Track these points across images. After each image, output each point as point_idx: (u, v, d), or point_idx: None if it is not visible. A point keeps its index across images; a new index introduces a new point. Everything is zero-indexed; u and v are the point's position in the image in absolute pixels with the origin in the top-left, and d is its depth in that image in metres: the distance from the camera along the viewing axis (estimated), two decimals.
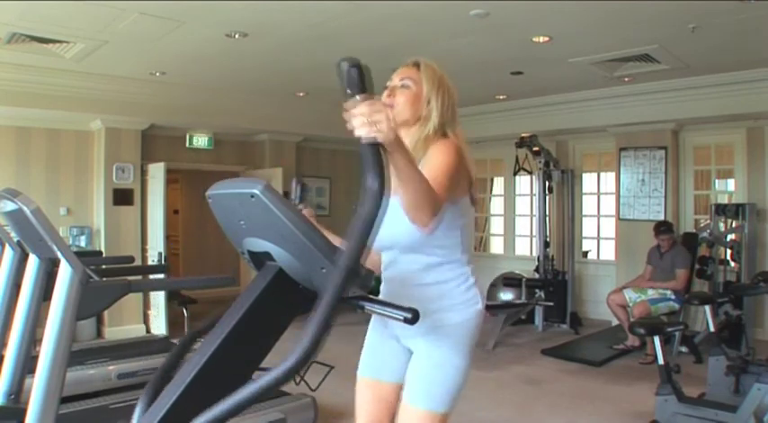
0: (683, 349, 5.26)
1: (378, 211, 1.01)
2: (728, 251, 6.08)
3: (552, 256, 6.99)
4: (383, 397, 1.85)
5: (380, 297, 1.83)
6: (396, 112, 1.72)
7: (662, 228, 5.66)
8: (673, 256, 5.54)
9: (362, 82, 1.06)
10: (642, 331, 3.46)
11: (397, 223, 1.64)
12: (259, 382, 0.96)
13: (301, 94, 6.96)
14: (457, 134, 1.77)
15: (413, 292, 1.72)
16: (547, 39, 4.71)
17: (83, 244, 6.22)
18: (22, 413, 1.76)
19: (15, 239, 2.27)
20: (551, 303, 6.58)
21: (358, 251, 1.00)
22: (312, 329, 0.96)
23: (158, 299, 6.38)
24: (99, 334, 6.25)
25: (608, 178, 7.55)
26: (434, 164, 1.62)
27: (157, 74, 5.87)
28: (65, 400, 1.91)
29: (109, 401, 3.42)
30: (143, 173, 6.63)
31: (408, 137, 1.73)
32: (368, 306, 1.17)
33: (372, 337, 1.92)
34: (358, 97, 1.09)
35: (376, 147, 1.07)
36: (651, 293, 5.47)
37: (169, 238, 7.33)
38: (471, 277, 1.76)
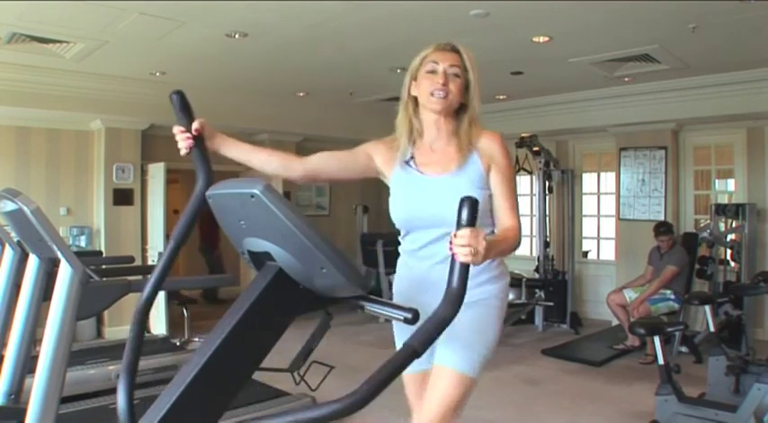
0: (683, 349, 5.26)
1: (454, 317, 1.13)
2: (728, 251, 6.08)
3: (552, 256, 6.99)
4: (426, 382, 1.88)
5: (411, 275, 1.92)
6: (450, 100, 1.83)
7: (661, 228, 5.66)
8: (669, 256, 5.54)
9: (472, 215, 1.23)
10: (642, 331, 3.46)
11: (448, 202, 1.69)
12: (310, 412, 0.98)
13: (301, 94, 6.96)
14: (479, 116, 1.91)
15: None
16: (547, 39, 4.71)
17: (83, 244, 6.22)
18: (22, 413, 1.76)
19: (15, 239, 2.27)
20: (551, 303, 6.58)
21: (428, 342, 1.11)
22: (376, 378, 1.02)
23: (158, 299, 6.36)
24: (99, 334, 6.25)
25: (608, 178, 7.55)
26: (506, 169, 1.84)
27: (157, 74, 5.87)
28: (65, 400, 1.91)
29: (109, 401, 3.42)
30: (143, 173, 6.63)
31: (449, 123, 1.87)
32: (368, 306, 1.18)
33: (402, 332, 1.91)
34: (465, 225, 1.25)
35: (467, 266, 1.22)
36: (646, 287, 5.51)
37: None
38: None
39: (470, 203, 1.23)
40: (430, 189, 1.82)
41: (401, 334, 1.92)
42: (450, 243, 1.27)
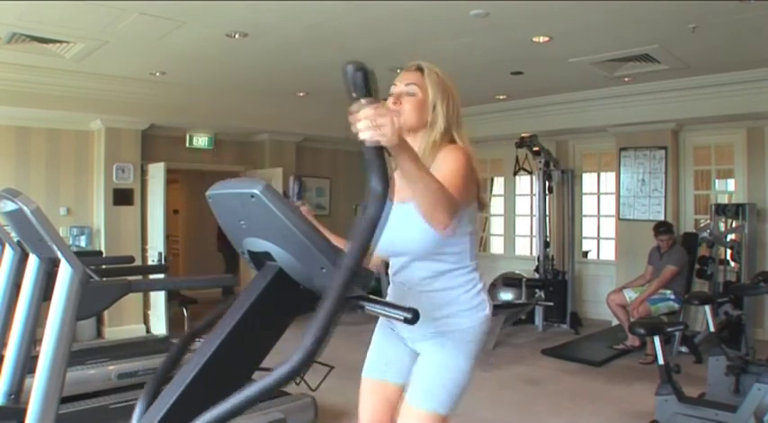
0: (683, 349, 5.26)
1: (381, 213, 1.01)
2: (728, 251, 6.08)
3: (552, 256, 6.99)
4: (387, 398, 1.86)
5: (394, 298, 1.84)
6: (403, 119, 1.74)
7: (661, 228, 5.66)
8: (669, 256, 5.54)
9: (367, 85, 1.06)
10: (642, 331, 3.46)
11: (410, 229, 1.65)
12: (261, 382, 0.96)
13: (301, 94, 6.96)
14: (462, 138, 1.78)
15: (420, 299, 1.73)
16: (547, 39, 4.71)
17: (83, 244, 6.22)
18: (22, 413, 1.75)
19: (15, 239, 2.27)
20: (551, 303, 6.58)
21: (360, 253, 1.00)
22: (315, 330, 0.96)
23: (158, 299, 6.38)
24: (99, 334, 6.25)
25: (608, 178, 7.56)
26: (447, 169, 1.62)
27: (157, 74, 5.87)
28: (65, 400, 1.91)
29: (109, 401, 3.42)
30: (143, 173, 6.63)
31: (416, 143, 1.73)
32: (368, 306, 1.17)
33: (379, 339, 1.92)
34: (363, 101, 1.09)
35: (380, 150, 1.08)
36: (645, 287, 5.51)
37: (169, 238, 7.34)
38: (479, 283, 1.77)
39: (355, 69, 1.03)
40: (393, 217, 1.71)
41: (384, 328, 1.91)
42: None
